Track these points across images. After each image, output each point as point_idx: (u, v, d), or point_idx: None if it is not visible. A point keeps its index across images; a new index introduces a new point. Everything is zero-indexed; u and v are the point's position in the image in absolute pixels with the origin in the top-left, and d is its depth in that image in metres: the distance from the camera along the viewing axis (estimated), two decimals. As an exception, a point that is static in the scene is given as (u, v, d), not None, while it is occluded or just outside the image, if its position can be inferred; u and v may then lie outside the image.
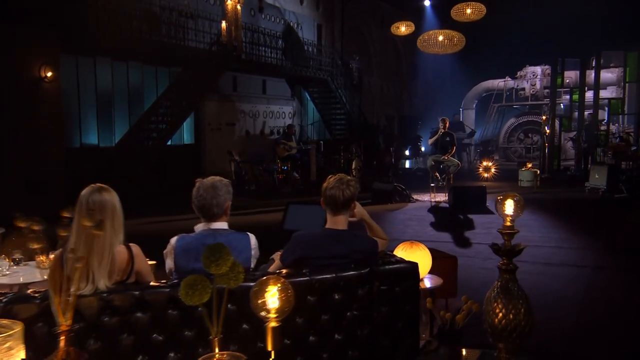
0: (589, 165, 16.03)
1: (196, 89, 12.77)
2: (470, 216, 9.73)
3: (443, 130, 12.16)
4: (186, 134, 14.25)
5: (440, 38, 11.24)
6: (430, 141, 12.33)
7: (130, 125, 12.36)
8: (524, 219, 9.46)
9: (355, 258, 2.92)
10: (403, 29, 12.33)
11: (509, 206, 2.17)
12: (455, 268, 4.34)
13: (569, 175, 16.01)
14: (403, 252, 3.61)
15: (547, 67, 21.90)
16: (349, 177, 3.10)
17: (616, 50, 17.31)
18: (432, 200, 11.73)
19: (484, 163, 15.28)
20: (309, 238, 3.00)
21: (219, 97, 14.91)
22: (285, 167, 14.28)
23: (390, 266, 2.98)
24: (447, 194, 11.40)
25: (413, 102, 28.56)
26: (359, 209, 3.21)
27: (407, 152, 21.13)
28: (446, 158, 12.08)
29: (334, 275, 2.77)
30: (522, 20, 25.89)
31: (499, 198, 2.21)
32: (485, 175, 15.07)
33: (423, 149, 20.45)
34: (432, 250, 4.54)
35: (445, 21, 14.87)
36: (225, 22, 12.31)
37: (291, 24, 18.77)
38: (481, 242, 7.47)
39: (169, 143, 13.50)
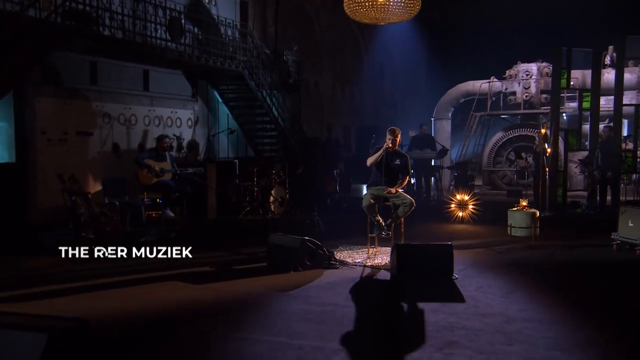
0: (607, 200, 12.23)
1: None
2: (422, 305, 5.64)
3: (391, 147, 8.09)
4: (-1, 147, 9.95)
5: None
6: (369, 161, 8.22)
7: None
8: (504, 307, 5.32)
9: None
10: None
11: None
12: None
13: (580, 215, 12.05)
14: None
15: (545, 64, 18.01)
16: None
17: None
18: (368, 263, 7.65)
19: (458, 197, 11.22)
20: None
21: (64, 93, 10.64)
22: (160, 201, 10.17)
23: None
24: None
25: (379, 109, 24.60)
26: None
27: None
28: (393, 192, 8.03)
29: None
30: (515, 6, 22.25)
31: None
32: (460, 214, 11.01)
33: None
34: None
35: None
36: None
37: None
38: None
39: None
